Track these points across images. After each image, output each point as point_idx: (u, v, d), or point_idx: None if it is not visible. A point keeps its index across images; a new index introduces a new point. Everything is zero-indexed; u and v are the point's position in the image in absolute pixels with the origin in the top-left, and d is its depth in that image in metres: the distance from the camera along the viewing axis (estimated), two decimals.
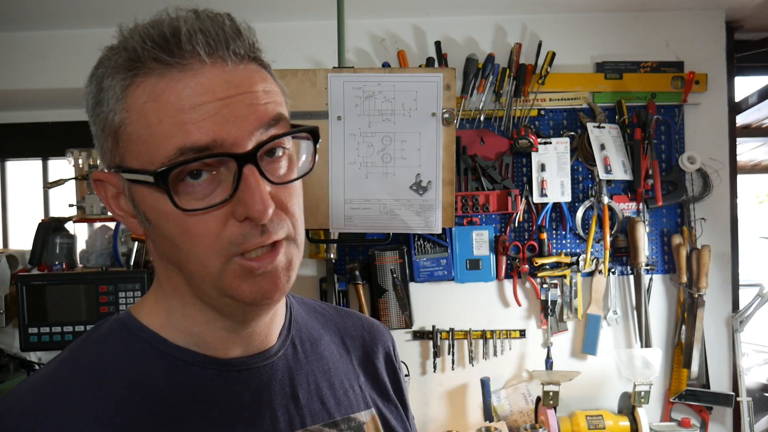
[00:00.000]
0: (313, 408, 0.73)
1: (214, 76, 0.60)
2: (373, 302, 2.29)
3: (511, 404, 2.31)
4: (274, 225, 0.62)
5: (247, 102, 0.61)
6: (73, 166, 2.39)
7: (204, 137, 0.58)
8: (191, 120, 0.59)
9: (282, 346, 0.74)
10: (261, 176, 0.60)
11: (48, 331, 1.97)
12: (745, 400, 2.17)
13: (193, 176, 0.60)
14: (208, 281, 0.63)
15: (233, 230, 0.61)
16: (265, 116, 0.61)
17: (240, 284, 0.63)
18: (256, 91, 0.62)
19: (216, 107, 0.59)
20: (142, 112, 0.60)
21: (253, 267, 0.62)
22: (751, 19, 2.36)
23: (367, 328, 0.88)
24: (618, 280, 2.34)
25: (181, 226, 0.61)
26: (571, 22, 2.34)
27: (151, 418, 0.64)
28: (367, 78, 1.69)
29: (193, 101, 0.59)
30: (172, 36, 0.59)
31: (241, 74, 0.62)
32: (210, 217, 0.61)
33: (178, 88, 0.59)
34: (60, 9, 2.19)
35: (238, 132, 0.59)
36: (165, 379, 0.66)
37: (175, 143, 0.59)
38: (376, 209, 1.71)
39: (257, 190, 0.59)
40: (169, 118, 0.59)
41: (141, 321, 0.70)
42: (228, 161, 0.60)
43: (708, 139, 2.34)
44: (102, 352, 0.68)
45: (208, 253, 0.62)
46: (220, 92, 0.60)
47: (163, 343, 0.68)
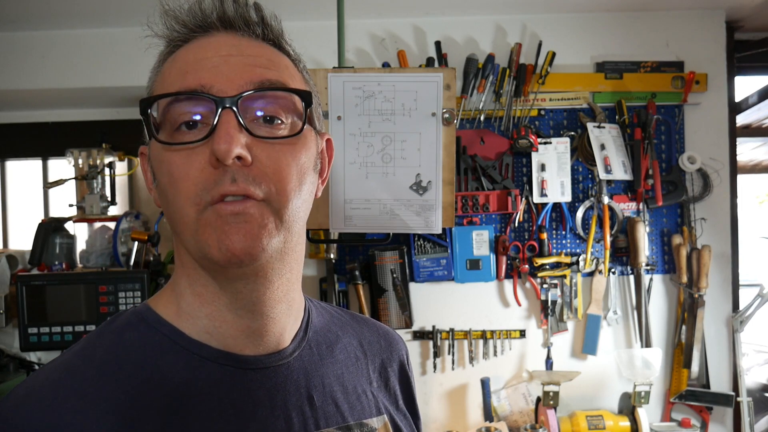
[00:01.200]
0: (327, 411, 0.72)
1: (224, 39, 0.66)
2: (373, 302, 2.29)
3: (511, 404, 2.31)
4: (245, 176, 0.62)
5: (247, 62, 0.64)
6: (73, 166, 2.39)
7: (194, 83, 0.63)
8: (191, 70, 0.64)
9: (298, 347, 0.74)
10: (238, 123, 0.61)
11: (48, 331, 1.97)
12: (745, 401, 2.16)
13: (189, 126, 0.63)
14: (188, 234, 0.64)
15: (207, 175, 0.62)
16: (258, 76, 0.64)
17: (210, 234, 0.62)
18: (260, 57, 0.66)
19: (216, 62, 0.64)
20: (164, 72, 0.67)
21: (221, 209, 0.61)
22: (751, 19, 2.36)
23: (383, 335, 0.87)
24: (618, 280, 2.34)
25: (169, 172, 0.64)
26: (571, 22, 2.34)
27: (165, 412, 0.64)
28: (367, 78, 1.69)
29: (197, 55, 0.65)
30: (196, 13, 0.66)
31: (251, 44, 0.67)
32: (191, 162, 0.62)
33: (191, 47, 0.66)
34: (60, 9, 2.19)
35: (228, 83, 0.63)
36: (181, 374, 0.66)
37: (173, 89, 0.64)
38: (376, 209, 1.71)
39: (224, 129, 0.61)
40: (176, 70, 0.65)
41: (158, 313, 0.70)
42: (212, 106, 0.62)
43: (708, 139, 2.34)
44: (118, 344, 0.68)
45: (186, 200, 0.63)
46: (223, 51, 0.65)
47: (180, 337, 0.68)
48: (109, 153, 2.40)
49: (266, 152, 0.63)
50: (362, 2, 2.17)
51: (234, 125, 0.61)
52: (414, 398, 0.88)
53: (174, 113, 0.63)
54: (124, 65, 2.33)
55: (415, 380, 0.90)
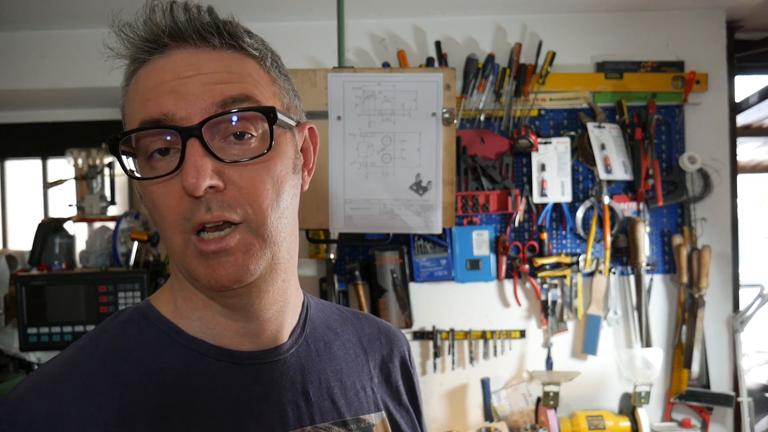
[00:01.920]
0: (323, 406, 0.73)
1: (180, 58, 0.64)
2: (373, 302, 2.29)
3: (511, 404, 2.31)
4: (222, 203, 0.62)
5: (205, 81, 0.63)
6: (73, 166, 2.39)
7: (157, 111, 0.62)
8: (152, 97, 0.63)
9: (295, 343, 0.75)
10: (205, 150, 0.61)
11: (47, 331, 1.97)
12: (745, 401, 2.16)
13: (161, 153, 0.63)
14: (177, 259, 0.66)
15: (185, 205, 0.62)
16: (219, 95, 0.63)
17: (197, 266, 0.64)
18: (218, 72, 0.64)
19: (174, 85, 0.63)
20: (128, 94, 0.67)
21: (202, 249, 0.63)
22: (751, 19, 2.36)
23: (383, 331, 0.88)
24: (618, 280, 2.34)
25: (151, 201, 0.65)
26: (571, 22, 2.34)
27: (164, 407, 0.65)
28: (367, 78, 1.68)
29: (156, 80, 0.64)
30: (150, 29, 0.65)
31: (208, 58, 0.64)
32: (169, 192, 0.63)
33: (148, 70, 0.65)
34: (60, 9, 2.19)
35: (190, 108, 0.62)
36: (178, 369, 0.67)
37: (138, 118, 0.64)
38: (376, 209, 1.71)
39: (191, 161, 0.60)
40: (138, 97, 0.65)
41: (159, 310, 0.71)
42: (175, 135, 0.62)
43: (708, 139, 2.34)
44: (120, 339, 0.69)
45: (171, 228, 0.64)
46: (181, 72, 0.63)
47: (178, 333, 0.69)
48: (109, 153, 2.40)
49: (238, 172, 0.63)
50: (362, 2, 2.17)
51: (200, 154, 0.61)
52: (416, 393, 0.88)
53: (144, 144, 0.64)
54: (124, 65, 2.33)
55: (418, 376, 0.90)
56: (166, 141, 0.63)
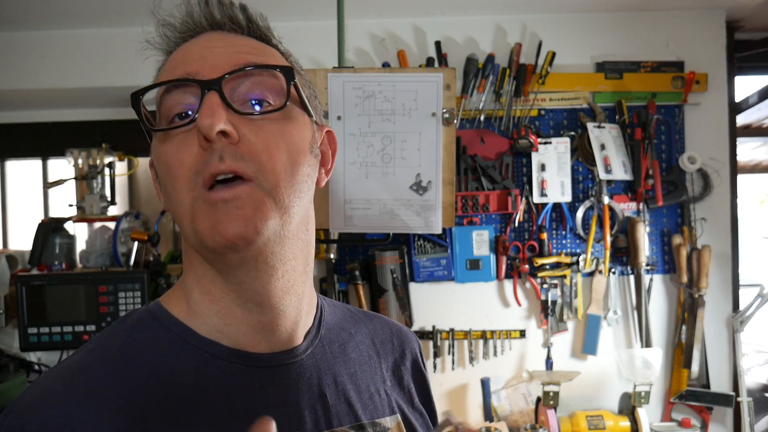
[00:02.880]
0: (339, 409, 0.72)
1: (211, 35, 0.69)
2: (373, 302, 2.29)
3: (511, 404, 2.31)
4: (233, 154, 0.62)
5: (231, 50, 0.66)
6: (73, 166, 2.39)
7: (181, 72, 0.65)
8: (179, 64, 0.66)
9: (310, 345, 0.73)
10: (222, 102, 0.62)
11: (48, 331, 1.97)
12: (745, 401, 2.16)
13: (181, 117, 0.65)
14: (186, 225, 0.65)
15: (197, 158, 0.62)
16: (241, 60, 0.65)
17: (203, 222, 0.62)
18: (243, 45, 0.68)
19: (202, 53, 0.66)
20: (159, 77, 0.69)
21: (209, 197, 0.62)
22: (751, 19, 2.36)
23: (395, 332, 0.87)
24: (618, 280, 2.34)
25: (165, 165, 0.65)
26: (571, 22, 2.34)
27: (176, 411, 0.64)
28: (367, 78, 1.69)
29: (186, 51, 0.67)
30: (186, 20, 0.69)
31: (235, 37, 0.69)
32: (182, 150, 0.63)
33: (182, 48, 0.69)
34: (60, 9, 2.19)
35: (213, 69, 0.64)
36: (192, 373, 0.66)
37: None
38: (376, 209, 1.71)
39: (207, 105, 0.61)
40: (167, 69, 0.68)
41: (170, 311, 0.70)
42: (197, 91, 0.63)
43: (708, 139, 2.34)
44: (130, 342, 0.68)
45: (181, 188, 0.63)
46: (209, 44, 0.67)
47: (192, 336, 0.68)
48: (109, 153, 2.40)
49: (254, 131, 0.63)
50: (362, 2, 2.17)
51: (217, 102, 0.62)
52: (430, 394, 0.88)
53: (166, 106, 0.65)
54: (124, 65, 2.32)
55: (429, 376, 0.90)
56: (188, 105, 0.64)
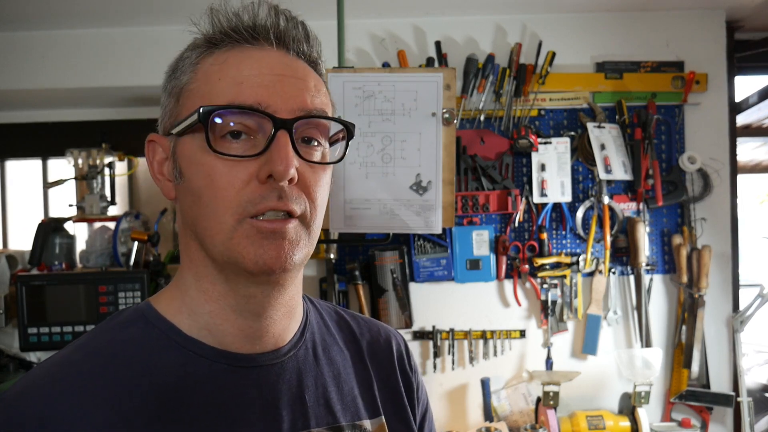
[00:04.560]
0: (318, 411, 0.73)
1: (277, 57, 0.69)
2: (373, 302, 2.29)
3: (511, 404, 2.31)
4: (292, 195, 0.65)
5: (299, 86, 0.68)
6: (73, 166, 2.39)
7: (251, 98, 0.65)
8: (246, 83, 0.66)
9: (294, 347, 0.75)
10: (292, 146, 0.65)
11: (47, 331, 1.97)
12: (745, 401, 2.16)
13: (234, 136, 0.66)
14: (219, 239, 0.66)
15: (253, 189, 0.65)
16: (310, 104, 0.68)
17: (247, 246, 0.65)
18: (308, 82, 0.70)
19: (271, 80, 0.67)
20: (208, 72, 0.69)
21: (262, 227, 0.65)
22: (751, 19, 2.36)
23: (383, 334, 0.88)
24: (618, 280, 2.34)
25: (209, 177, 0.66)
26: (571, 22, 2.34)
27: (159, 407, 0.66)
28: (367, 78, 1.69)
29: (252, 69, 0.67)
30: (251, 20, 0.69)
31: (299, 65, 0.70)
32: (236, 173, 0.65)
33: (243, 56, 0.68)
34: (60, 9, 2.19)
35: (283, 104, 0.66)
36: (176, 370, 0.68)
37: (227, 98, 0.66)
38: (376, 209, 1.71)
39: (284, 150, 0.64)
40: (229, 78, 0.67)
41: (158, 310, 0.72)
42: (266, 125, 0.65)
43: (708, 139, 2.34)
44: (118, 340, 0.70)
45: (226, 208, 0.65)
46: (277, 69, 0.68)
47: (177, 334, 0.70)
48: (109, 153, 2.41)
49: (306, 172, 0.67)
50: (362, 2, 2.17)
51: (289, 144, 0.65)
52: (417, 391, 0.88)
53: (222, 123, 0.66)
54: (124, 65, 2.33)
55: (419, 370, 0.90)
56: (245, 126, 0.65)
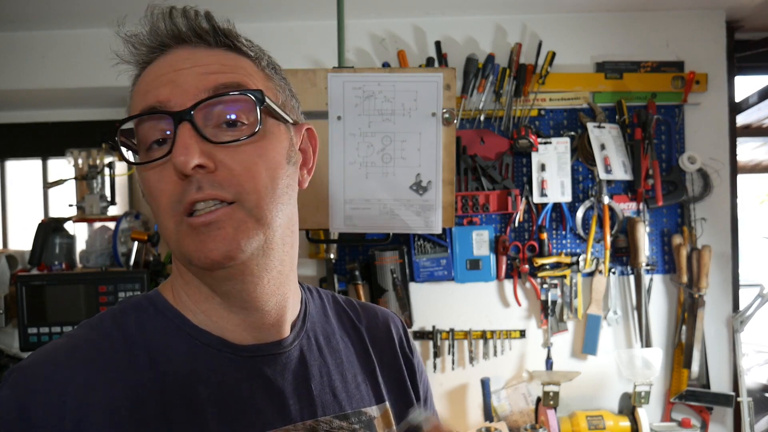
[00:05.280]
0: (324, 399, 0.74)
1: (179, 54, 0.68)
2: (373, 302, 2.28)
3: (511, 404, 2.31)
4: (211, 182, 0.64)
5: (199, 71, 0.67)
6: (73, 166, 2.39)
7: (153, 99, 0.66)
8: (150, 89, 0.67)
9: (297, 337, 0.76)
10: (195, 132, 0.63)
11: (48, 331, 1.97)
12: (745, 401, 2.16)
13: (159, 143, 0.66)
14: (172, 244, 0.68)
15: (176, 188, 0.65)
16: (212, 83, 0.66)
17: (189, 244, 0.65)
18: (212, 64, 0.67)
19: (171, 77, 0.66)
20: (132, 95, 0.71)
21: (192, 222, 0.64)
22: (751, 19, 2.36)
23: (382, 320, 0.89)
24: (618, 280, 2.34)
25: (147, 188, 0.68)
26: (571, 22, 2.34)
27: (167, 393, 0.66)
28: (367, 78, 1.68)
29: (155, 74, 0.68)
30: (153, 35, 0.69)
31: (204, 53, 0.68)
32: (162, 178, 0.65)
33: (152, 68, 0.69)
34: (60, 9, 2.19)
35: (184, 96, 0.65)
36: (184, 358, 0.69)
37: (136, 111, 0.67)
38: (376, 209, 1.71)
39: (180, 141, 0.63)
40: (140, 91, 0.69)
41: (166, 299, 0.73)
42: (170, 120, 0.64)
43: (708, 139, 2.34)
44: (130, 323, 0.71)
45: (165, 213, 0.66)
46: (177, 65, 0.67)
47: (185, 323, 0.71)
48: (109, 153, 2.40)
49: (230, 156, 0.65)
50: (362, 2, 2.17)
51: (190, 135, 0.63)
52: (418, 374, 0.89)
53: (143, 134, 0.67)
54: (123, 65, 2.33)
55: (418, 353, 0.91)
56: (163, 132, 0.65)
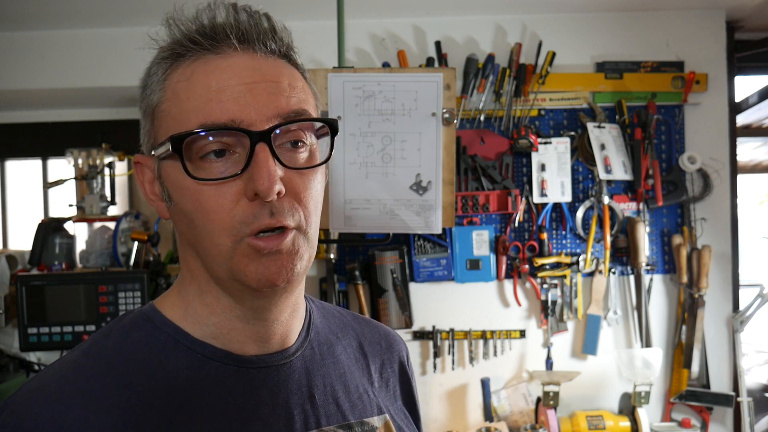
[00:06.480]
0: (328, 409, 0.74)
1: (243, 62, 0.65)
2: (373, 302, 2.29)
3: (511, 404, 2.31)
4: (283, 209, 0.63)
5: (271, 90, 0.64)
6: (73, 166, 2.39)
7: (223, 116, 0.62)
8: (216, 99, 0.63)
9: (300, 346, 0.75)
10: (272, 156, 0.62)
11: (47, 331, 1.97)
12: (745, 401, 2.16)
13: (216, 155, 0.63)
14: (219, 261, 0.65)
15: (244, 209, 0.63)
16: (285, 107, 0.64)
17: (247, 264, 0.64)
18: (281, 83, 0.65)
19: (240, 90, 0.63)
20: (175, 90, 0.65)
21: (260, 246, 0.63)
22: (751, 19, 2.36)
23: (383, 336, 0.89)
24: (618, 280, 2.34)
25: (197, 201, 0.64)
26: (571, 22, 2.34)
27: (170, 410, 0.65)
28: (367, 78, 1.68)
29: (219, 82, 0.63)
30: (210, 25, 0.65)
31: (269, 65, 0.66)
32: (222, 194, 0.63)
33: (208, 69, 0.64)
34: (60, 9, 2.19)
35: (257, 115, 0.63)
36: (185, 373, 0.67)
37: (197, 119, 0.63)
38: (376, 209, 1.71)
39: (265, 166, 0.61)
40: (197, 96, 0.63)
41: (164, 314, 0.71)
42: (243, 139, 0.62)
43: (708, 139, 2.34)
44: (125, 343, 0.69)
45: (220, 230, 0.64)
46: (246, 77, 0.64)
47: (185, 337, 0.69)
48: (109, 153, 2.40)
49: (293, 179, 0.65)
50: (362, 2, 2.17)
51: (269, 158, 0.62)
52: (414, 398, 0.89)
53: (199, 144, 0.63)
54: (124, 65, 2.32)
55: (416, 381, 0.91)
56: (224, 143, 0.63)
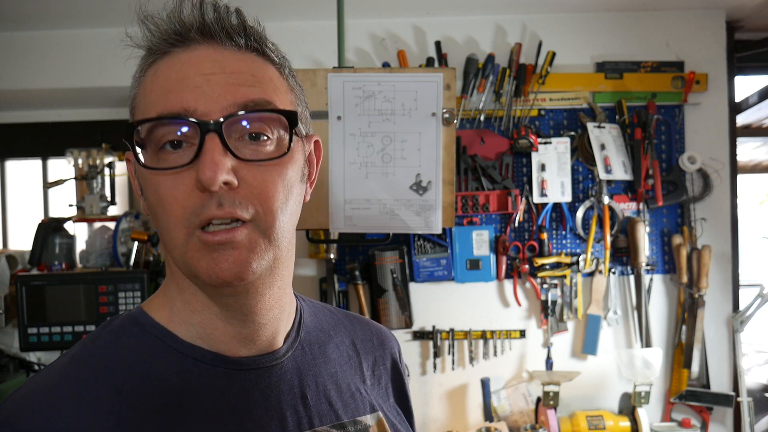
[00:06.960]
0: (321, 409, 0.73)
1: (206, 54, 0.64)
2: (373, 302, 2.29)
3: (511, 404, 2.31)
4: (234, 200, 0.62)
5: (230, 81, 0.63)
6: (73, 166, 2.39)
7: (178, 105, 0.62)
8: (173, 89, 0.63)
9: (291, 347, 0.75)
10: (224, 147, 0.61)
11: (47, 331, 1.97)
12: (745, 401, 2.16)
13: (174, 146, 0.63)
14: (177, 255, 0.65)
15: (194, 200, 0.61)
16: (242, 97, 0.63)
17: (199, 260, 0.63)
18: (242, 74, 0.64)
19: (198, 81, 0.63)
20: (144, 84, 0.66)
21: (208, 239, 0.62)
22: (751, 19, 2.36)
23: (375, 333, 0.88)
24: (618, 280, 2.34)
25: (156, 193, 0.64)
26: (571, 22, 2.34)
27: (162, 414, 0.65)
28: (367, 78, 1.68)
29: (179, 73, 0.63)
30: (177, 21, 0.65)
31: (234, 57, 0.65)
32: (177, 185, 0.62)
33: (172, 62, 0.65)
34: (60, 9, 2.19)
35: (212, 105, 0.62)
36: (176, 376, 0.67)
37: (156, 110, 0.63)
38: (376, 209, 1.71)
39: (209, 155, 0.60)
40: (158, 89, 0.64)
41: (151, 316, 0.71)
42: (196, 130, 0.61)
43: (708, 139, 2.34)
44: (113, 347, 0.68)
45: (175, 222, 0.63)
46: (205, 68, 0.63)
47: (173, 340, 0.69)
48: (109, 153, 2.41)
49: (252, 173, 0.63)
50: (362, 2, 2.17)
51: (219, 150, 0.60)
52: (407, 396, 0.89)
53: (158, 134, 0.63)
54: (124, 65, 2.33)
55: (408, 378, 0.90)
56: (181, 134, 0.62)
